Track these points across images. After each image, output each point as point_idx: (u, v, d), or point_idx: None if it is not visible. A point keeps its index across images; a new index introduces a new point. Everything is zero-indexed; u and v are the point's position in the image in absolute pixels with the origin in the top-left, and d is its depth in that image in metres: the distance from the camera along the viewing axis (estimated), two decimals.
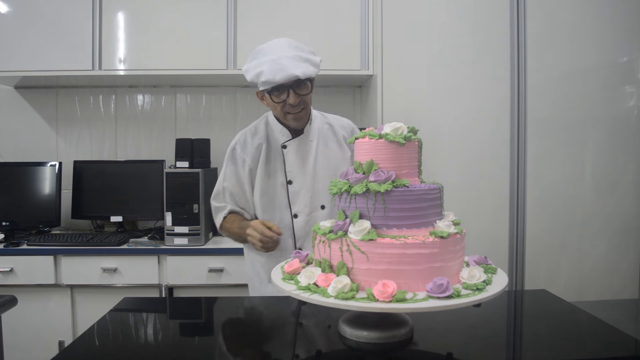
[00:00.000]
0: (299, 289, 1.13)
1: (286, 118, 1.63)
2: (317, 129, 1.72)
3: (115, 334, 1.31)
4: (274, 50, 1.53)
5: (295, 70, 1.48)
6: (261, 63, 1.52)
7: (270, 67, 1.49)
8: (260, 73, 1.51)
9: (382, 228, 1.14)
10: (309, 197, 1.67)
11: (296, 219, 1.68)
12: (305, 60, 1.52)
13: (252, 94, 2.94)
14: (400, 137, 1.17)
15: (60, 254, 2.36)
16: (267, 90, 1.56)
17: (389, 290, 1.04)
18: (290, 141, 1.68)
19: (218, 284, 2.38)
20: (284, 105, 1.57)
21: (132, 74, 2.55)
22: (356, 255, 1.11)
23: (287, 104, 1.57)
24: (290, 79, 1.50)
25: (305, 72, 1.51)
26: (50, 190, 2.67)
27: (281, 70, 1.48)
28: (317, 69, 1.56)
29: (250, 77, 1.56)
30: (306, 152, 1.69)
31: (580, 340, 1.26)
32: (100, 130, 2.92)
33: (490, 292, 1.09)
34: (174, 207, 2.42)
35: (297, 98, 1.56)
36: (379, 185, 1.13)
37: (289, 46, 1.54)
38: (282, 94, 1.55)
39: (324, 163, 1.69)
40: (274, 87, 1.53)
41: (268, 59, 1.51)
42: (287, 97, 1.55)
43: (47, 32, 2.49)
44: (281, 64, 1.49)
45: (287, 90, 1.54)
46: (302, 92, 1.57)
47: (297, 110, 1.59)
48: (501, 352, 1.22)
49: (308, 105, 1.63)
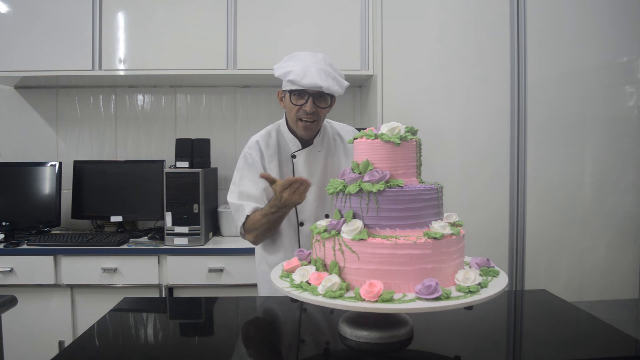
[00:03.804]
0: (292, 287, 1.14)
1: (297, 125, 1.66)
2: (325, 140, 1.75)
3: (115, 334, 1.31)
4: (309, 58, 1.61)
5: (321, 81, 1.55)
6: (293, 64, 1.60)
7: (300, 70, 1.56)
8: (289, 72, 1.58)
9: (375, 228, 1.14)
10: (315, 207, 1.71)
11: (302, 227, 1.72)
12: (333, 78, 1.60)
13: (252, 94, 2.94)
14: (396, 137, 1.17)
15: (60, 254, 2.36)
16: (289, 90, 1.62)
17: (375, 290, 1.04)
18: (300, 151, 1.72)
19: (218, 284, 2.38)
20: (299, 110, 1.62)
21: (132, 74, 2.55)
22: (348, 255, 1.12)
23: (303, 110, 1.61)
24: (314, 88, 1.56)
25: (330, 87, 1.57)
26: (50, 190, 2.67)
27: (309, 76, 1.55)
28: (341, 90, 1.62)
29: (278, 73, 1.62)
30: (314, 162, 1.72)
31: (580, 340, 1.26)
32: (100, 130, 2.92)
33: (482, 295, 1.08)
34: (174, 207, 2.42)
35: (314, 108, 1.61)
36: (371, 185, 1.13)
37: (323, 61, 1.62)
38: (301, 99, 1.61)
39: (331, 173, 1.72)
40: (296, 90, 1.60)
41: (301, 63, 1.59)
42: (305, 104, 1.60)
43: (47, 32, 2.49)
44: (311, 71, 1.56)
45: (307, 97, 1.60)
46: (320, 104, 1.62)
47: (310, 120, 1.63)
48: (501, 352, 1.22)
49: (321, 119, 1.67)
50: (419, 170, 1.24)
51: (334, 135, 1.78)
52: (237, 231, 1.73)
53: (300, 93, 1.60)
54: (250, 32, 2.50)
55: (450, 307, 1.04)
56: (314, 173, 1.71)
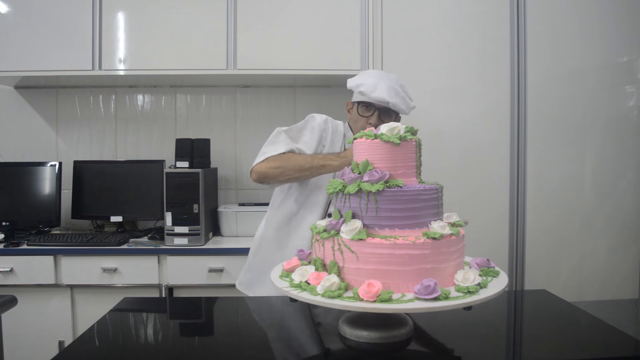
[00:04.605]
0: (291, 286, 1.14)
1: None
2: None
3: (115, 334, 1.31)
4: (381, 76, 1.69)
5: (389, 97, 1.63)
6: (366, 78, 1.68)
7: (371, 84, 1.65)
8: (361, 84, 1.67)
9: (374, 228, 1.14)
10: None
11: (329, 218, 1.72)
12: (401, 97, 1.66)
13: (252, 94, 2.94)
14: (396, 137, 1.17)
15: (60, 254, 2.36)
16: (358, 102, 1.71)
17: (374, 290, 1.04)
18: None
19: (218, 284, 2.37)
20: (365, 122, 1.69)
21: (132, 74, 2.55)
22: (347, 255, 1.12)
23: (368, 122, 1.68)
24: (382, 102, 1.64)
25: (396, 104, 1.64)
26: (50, 190, 2.67)
27: (378, 90, 1.63)
28: (407, 109, 1.69)
29: (351, 84, 1.71)
30: None
31: (580, 340, 1.26)
32: (100, 130, 2.92)
33: (482, 295, 1.08)
34: (174, 207, 2.42)
35: (379, 122, 1.67)
36: (371, 185, 1.13)
37: (395, 80, 1.69)
38: (368, 111, 1.69)
39: None
40: (365, 102, 1.68)
41: (374, 79, 1.67)
42: (371, 116, 1.68)
43: (47, 32, 2.49)
44: (381, 87, 1.64)
45: (374, 111, 1.68)
46: (385, 119, 1.68)
47: None
48: (501, 352, 1.22)
49: None
50: (418, 170, 1.24)
51: None
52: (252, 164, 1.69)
53: (368, 106, 1.68)
54: (250, 32, 2.50)
55: (449, 308, 1.03)
56: None
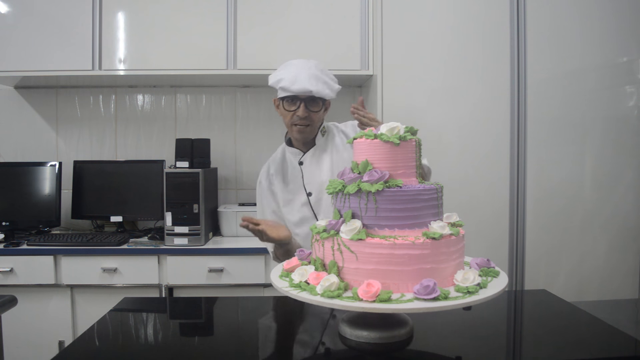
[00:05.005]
0: (291, 286, 1.14)
1: (292, 129, 1.72)
2: (330, 139, 1.79)
3: (115, 334, 1.31)
4: (300, 65, 1.67)
5: (310, 86, 1.61)
6: (285, 72, 1.66)
7: (290, 77, 1.63)
8: (280, 80, 1.64)
9: (374, 228, 1.14)
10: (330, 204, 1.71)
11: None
12: (323, 82, 1.65)
13: (252, 94, 2.94)
14: (395, 137, 1.17)
15: (60, 254, 2.36)
16: (281, 97, 1.68)
17: (373, 290, 1.04)
18: (304, 156, 1.77)
19: (218, 284, 2.37)
20: (292, 115, 1.67)
21: (132, 74, 2.55)
22: (346, 255, 1.12)
23: (296, 115, 1.66)
24: (304, 92, 1.62)
25: (320, 91, 1.62)
26: (50, 190, 2.67)
27: (299, 82, 1.61)
28: (332, 93, 1.67)
29: (271, 81, 1.69)
30: (322, 161, 1.76)
31: (580, 340, 1.26)
32: (100, 130, 2.92)
33: (481, 295, 1.08)
34: (174, 207, 2.42)
35: (306, 112, 1.66)
36: (370, 185, 1.13)
37: (315, 67, 1.67)
38: (293, 105, 1.67)
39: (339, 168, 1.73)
40: (288, 96, 1.66)
41: (292, 70, 1.65)
42: (297, 109, 1.66)
43: (47, 32, 2.49)
44: (301, 77, 1.62)
45: (299, 103, 1.65)
46: (312, 108, 1.67)
47: (303, 124, 1.68)
48: (501, 352, 1.22)
49: (315, 122, 1.71)
50: (418, 170, 1.24)
51: (339, 134, 1.82)
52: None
53: (292, 99, 1.66)
54: (250, 32, 2.50)
55: (448, 308, 1.03)
56: (322, 171, 1.74)
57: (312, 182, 1.74)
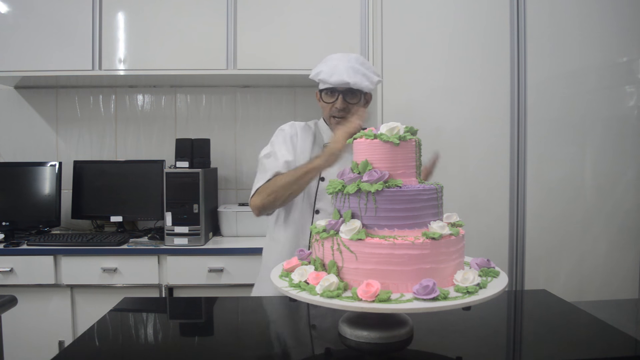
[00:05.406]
0: (290, 286, 1.14)
1: (331, 122, 1.73)
2: None
3: (115, 334, 1.31)
4: (339, 58, 1.68)
5: (348, 77, 1.62)
6: (324, 65, 1.68)
7: (329, 70, 1.65)
8: (320, 72, 1.67)
9: (374, 228, 1.14)
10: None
11: (317, 214, 1.72)
12: (362, 74, 1.65)
13: (252, 94, 2.94)
14: (395, 137, 1.17)
15: (60, 254, 2.36)
16: (320, 89, 1.72)
17: (372, 290, 1.04)
18: None
19: (218, 284, 2.37)
20: (331, 107, 1.69)
21: (132, 74, 2.55)
22: (346, 255, 1.12)
23: (334, 107, 1.68)
24: (341, 84, 1.64)
25: (357, 83, 1.63)
26: (50, 190, 2.67)
27: (336, 74, 1.63)
28: (371, 85, 1.68)
29: (312, 74, 1.72)
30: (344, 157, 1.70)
31: (580, 340, 1.26)
32: (100, 130, 2.92)
33: (481, 295, 1.08)
34: (174, 207, 2.42)
35: (344, 104, 1.67)
36: (370, 185, 1.13)
37: (355, 60, 1.68)
38: (332, 97, 1.69)
39: None
40: (327, 88, 1.68)
41: (331, 63, 1.67)
42: (335, 101, 1.68)
43: (47, 32, 2.49)
44: (339, 69, 1.63)
45: (337, 95, 1.67)
46: (350, 100, 1.68)
47: (342, 116, 1.69)
48: (501, 352, 1.22)
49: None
50: (418, 170, 1.23)
51: None
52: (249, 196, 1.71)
53: (331, 91, 1.68)
54: (250, 32, 2.50)
55: (448, 308, 1.03)
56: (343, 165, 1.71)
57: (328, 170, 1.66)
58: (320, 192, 1.72)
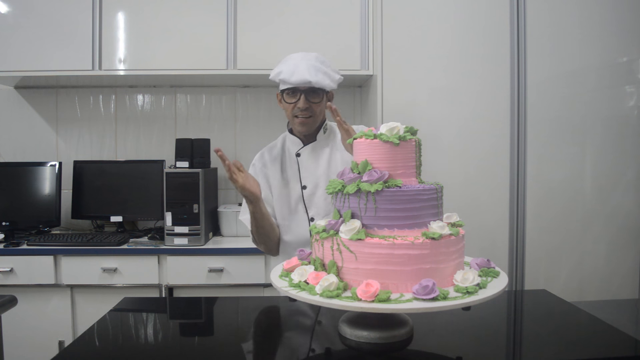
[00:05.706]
0: (290, 286, 1.14)
1: (294, 122, 1.71)
2: (331, 137, 1.78)
3: (115, 334, 1.31)
4: (299, 57, 1.67)
5: (310, 76, 1.60)
6: (284, 65, 1.66)
7: (289, 69, 1.63)
8: (280, 72, 1.64)
9: (374, 228, 1.14)
10: (322, 200, 1.71)
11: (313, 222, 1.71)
12: (323, 72, 1.64)
13: (252, 94, 2.94)
14: (395, 137, 1.17)
15: (60, 254, 2.36)
16: (282, 90, 1.69)
17: (372, 290, 1.04)
18: (303, 148, 1.75)
19: (218, 284, 2.38)
20: (293, 107, 1.67)
21: (132, 74, 2.55)
22: (345, 255, 1.12)
23: (296, 107, 1.66)
24: (303, 84, 1.61)
25: (319, 81, 1.61)
26: (50, 190, 2.67)
27: (297, 73, 1.61)
28: (332, 83, 1.67)
29: (272, 75, 1.69)
30: (320, 157, 1.75)
31: (580, 340, 1.26)
32: (100, 130, 2.92)
33: (480, 295, 1.08)
34: (174, 207, 2.42)
35: (306, 104, 1.66)
36: (370, 185, 1.13)
37: (314, 58, 1.67)
38: (293, 97, 1.66)
39: (338, 166, 1.72)
40: (288, 88, 1.65)
41: (291, 62, 1.65)
42: (298, 101, 1.65)
43: (47, 32, 2.49)
44: (299, 68, 1.61)
45: (299, 95, 1.65)
46: (312, 99, 1.66)
47: (305, 115, 1.68)
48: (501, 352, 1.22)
49: (316, 114, 1.70)
50: (418, 170, 1.23)
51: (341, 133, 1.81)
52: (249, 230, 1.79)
53: (292, 91, 1.65)
54: (250, 32, 2.50)
55: (447, 308, 1.03)
56: (320, 166, 1.73)
57: (307, 176, 1.73)
58: (307, 200, 1.72)
